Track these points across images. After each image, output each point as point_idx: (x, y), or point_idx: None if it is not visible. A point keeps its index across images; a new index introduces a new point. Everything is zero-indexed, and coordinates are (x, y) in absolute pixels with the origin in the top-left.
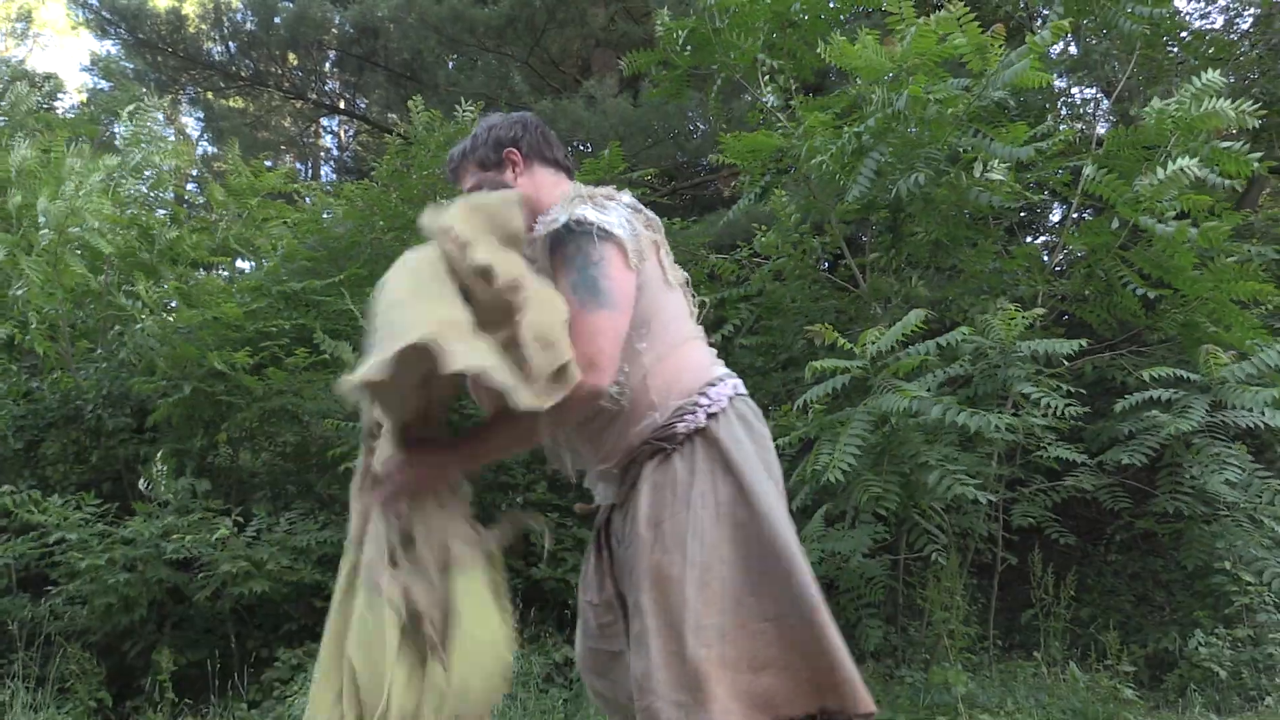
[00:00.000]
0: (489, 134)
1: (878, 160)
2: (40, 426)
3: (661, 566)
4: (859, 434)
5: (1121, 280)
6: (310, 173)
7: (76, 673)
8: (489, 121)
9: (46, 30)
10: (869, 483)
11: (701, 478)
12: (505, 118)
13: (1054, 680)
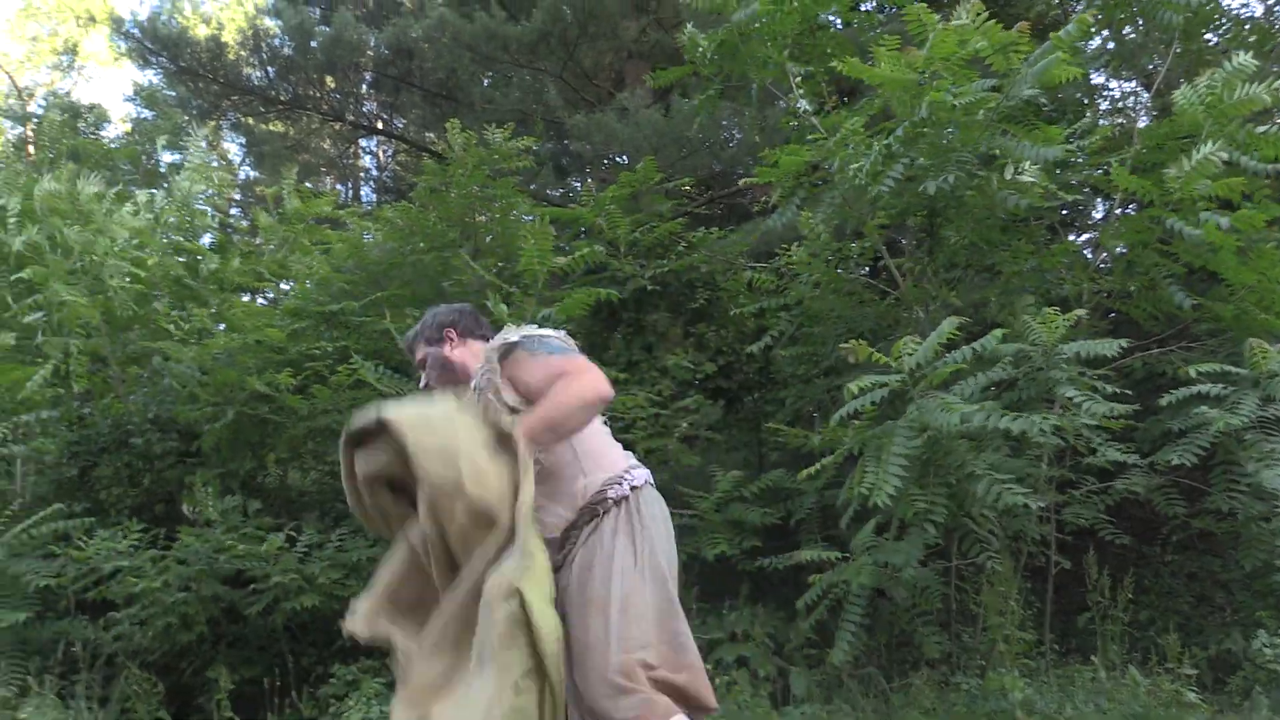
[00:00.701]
0: (434, 319)
1: (905, 166)
2: (94, 451)
3: (594, 599)
4: (902, 450)
5: (1163, 275)
6: (350, 193)
7: (137, 692)
8: (434, 310)
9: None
10: (914, 497)
11: (623, 536)
12: (448, 307)
13: (1113, 685)
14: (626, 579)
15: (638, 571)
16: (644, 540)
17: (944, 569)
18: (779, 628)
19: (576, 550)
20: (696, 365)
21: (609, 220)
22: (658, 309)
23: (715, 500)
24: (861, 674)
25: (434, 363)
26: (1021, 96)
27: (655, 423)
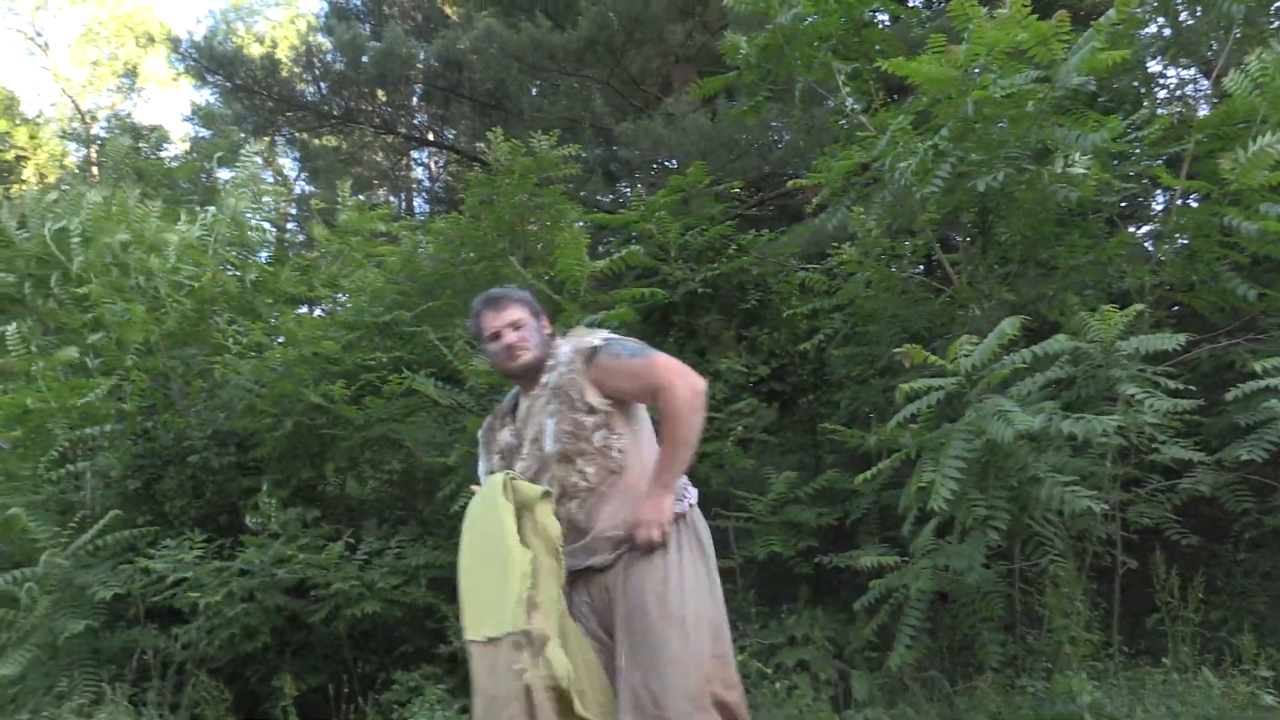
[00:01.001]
0: (533, 298)
1: (955, 163)
2: (157, 465)
3: (673, 615)
4: (960, 454)
5: (1226, 266)
6: (403, 204)
7: (206, 699)
8: (515, 289)
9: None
10: (975, 501)
11: (689, 551)
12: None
13: (1185, 687)
14: (700, 596)
15: (708, 589)
16: (706, 557)
17: (1007, 571)
18: (839, 631)
19: (633, 556)
20: (750, 368)
21: (659, 225)
22: (709, 312)
23: (770, 502)
24: (924, 677)
25: (533, 331)
26: (1069, 86)
27: (709, 426)
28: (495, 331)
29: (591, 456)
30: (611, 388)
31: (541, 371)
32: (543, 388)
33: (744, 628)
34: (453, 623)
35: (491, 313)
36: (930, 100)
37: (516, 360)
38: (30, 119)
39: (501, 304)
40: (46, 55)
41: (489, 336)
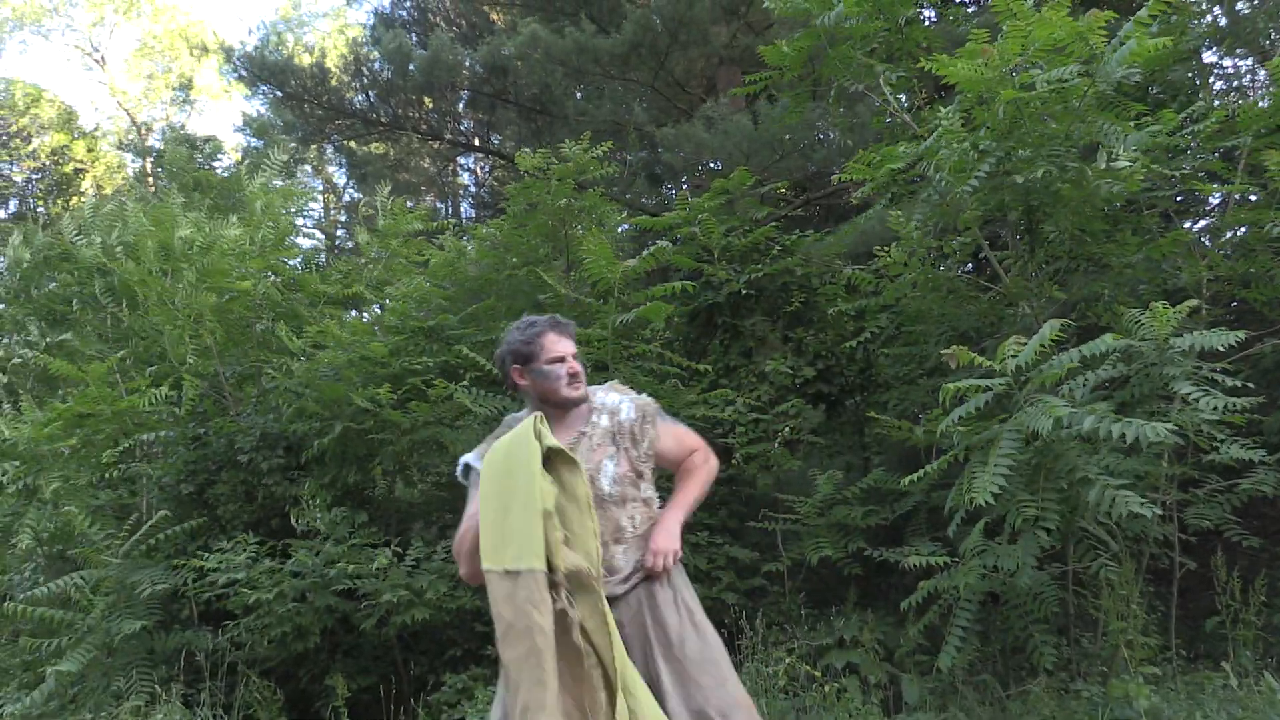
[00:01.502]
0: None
1: (996, 162)
2: (210, 470)
3: (709, 657)
4: (1009, 453)
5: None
6: (450, 210)
7: (259, 700)
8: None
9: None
10: (1024, 504)
11: (686, 591)
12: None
13: (1247, 693)
14: (709, 631)
15: (705, 620)
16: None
17: (1060, 573)
18: (889, 633)
19: (642, 590)
20: (795, 370)
21: (703, 227)
22: (754, 313)
23: (817, 504)
24: (976, 681)
25: (581, 369)
26: (1112, 80)
27: (755, 428)
28: (561, 356)
29: (638, 504)
30: (663, 446)
31: (583, 410)
32: (593, 427)
33: (792, 630)
34: None
35: (557, 335)
36: (974, 99)
37: (577, 390)
38: (88, 132)
39: (568, 330)
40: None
41: (552, 358)
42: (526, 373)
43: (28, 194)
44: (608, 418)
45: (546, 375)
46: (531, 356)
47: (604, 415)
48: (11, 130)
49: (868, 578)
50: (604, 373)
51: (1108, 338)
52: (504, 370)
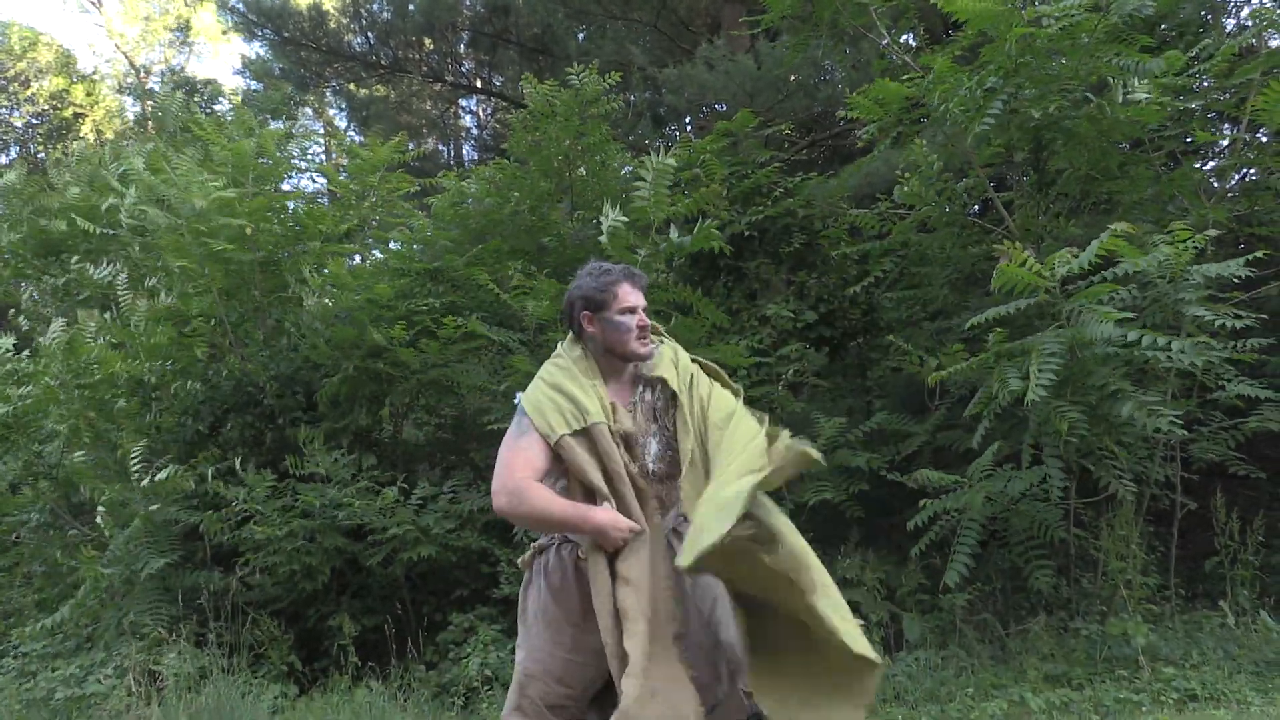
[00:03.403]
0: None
1: (1007, 100)
2: (220, 412)
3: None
4: (1055, 353)
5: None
6: (452, 153)
7: (267, 639)
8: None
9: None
10: (1062, 409)
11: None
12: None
13: (1244, 631)
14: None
15: None
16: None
17: (1062, 512)
18: (890, 573)
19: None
20: (798, 314)
21: (705, 170)
22: (756, 255)
23: (820, 446)
24: (976, 620)
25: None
26: (1124, 13)
27: (758, 371)
28: (634, 306)
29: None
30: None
31: (634, 375)
32: (640, 399)
33: None
34: (505, 567)
35: (630, 286)
36: (976, 35)
37: (646, 347)
38: (86, 76)
39: (641, 283)
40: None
41: (625, 309)
42: (596, 319)
43: (28, 139)
44: (651, 392)
45: (617, 326)
46: (604, 304)
47: (648, 388)
48: (9, 74)
49: (869, 519)
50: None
51: (1141, 255)
52: (571, 313)
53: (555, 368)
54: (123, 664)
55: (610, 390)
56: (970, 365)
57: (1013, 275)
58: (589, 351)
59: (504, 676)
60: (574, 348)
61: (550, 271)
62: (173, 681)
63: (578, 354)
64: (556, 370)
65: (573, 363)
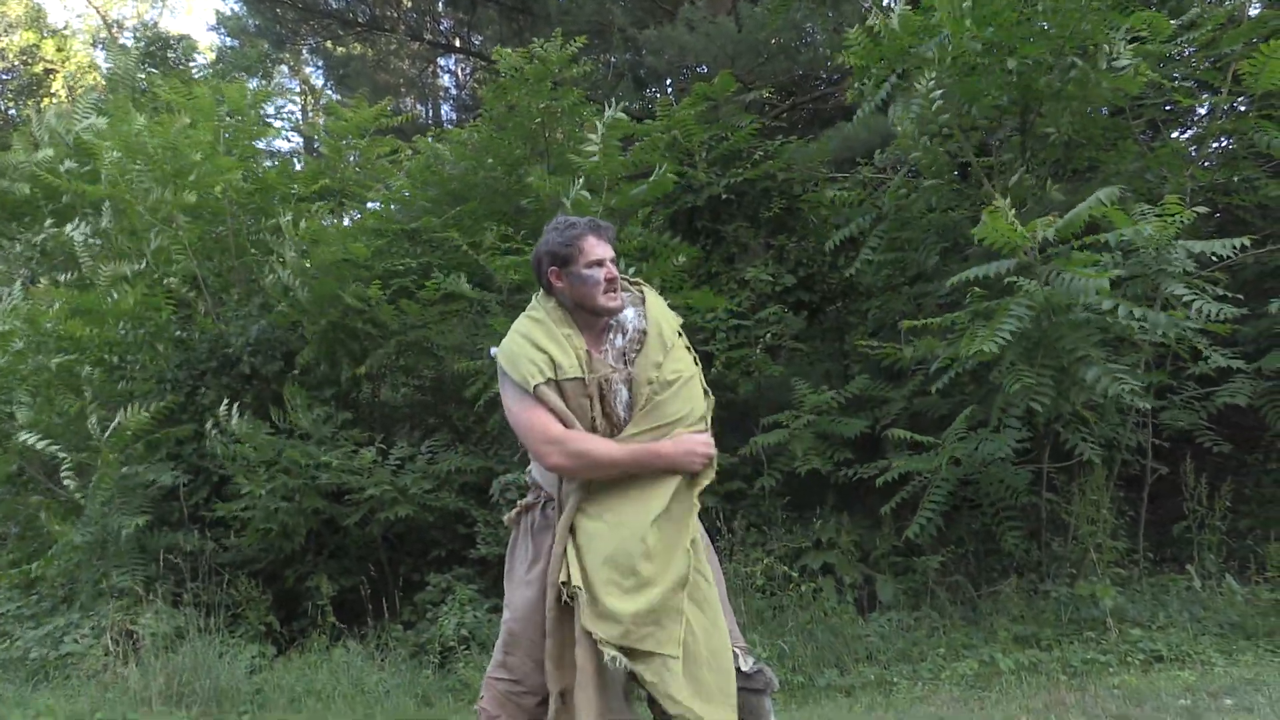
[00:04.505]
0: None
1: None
2: (196, 375)
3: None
4: (1018, 315)
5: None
6: (431, 113)
7: (244, 600)
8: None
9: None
10: (1021, 372)
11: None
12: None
13: (1209, 594)
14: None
15: None
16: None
17: (1034, 476)
18: (865, 536)
19: None
20: (776, 277)
21: (683, 132)
22: (734, 218)
23: (806, 413)
24: (949, 581)
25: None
26: None
27: (736, 334)
28: (600, 259)
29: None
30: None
31: (607, 322)
32: (610, 345)
33: (770, 532)
34: (482, 528)
35: (596, 238)
36: None
37: (613, 300)
38: (58, 30)
39: (607, 234)
40: None
41: (591, 261)
42: (564, 274)
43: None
44: (621, 336)
45: (584, 280)
46: (569, 259)
47: (618, 334)
48: None
49: (845, 482)
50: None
51: (1124, 226)
52: (540, 271)
53: (530, 320)
54: (100, 624)
55: (586, 339)
56: (944, 321)
57: (997, 230)
58: (560, 304)
59: (481, 636)
60: (547, 299)
61: (528, 234)
62: (150, 641)
63: (551, 305)
64: (531, 323)
65: (546, 314)
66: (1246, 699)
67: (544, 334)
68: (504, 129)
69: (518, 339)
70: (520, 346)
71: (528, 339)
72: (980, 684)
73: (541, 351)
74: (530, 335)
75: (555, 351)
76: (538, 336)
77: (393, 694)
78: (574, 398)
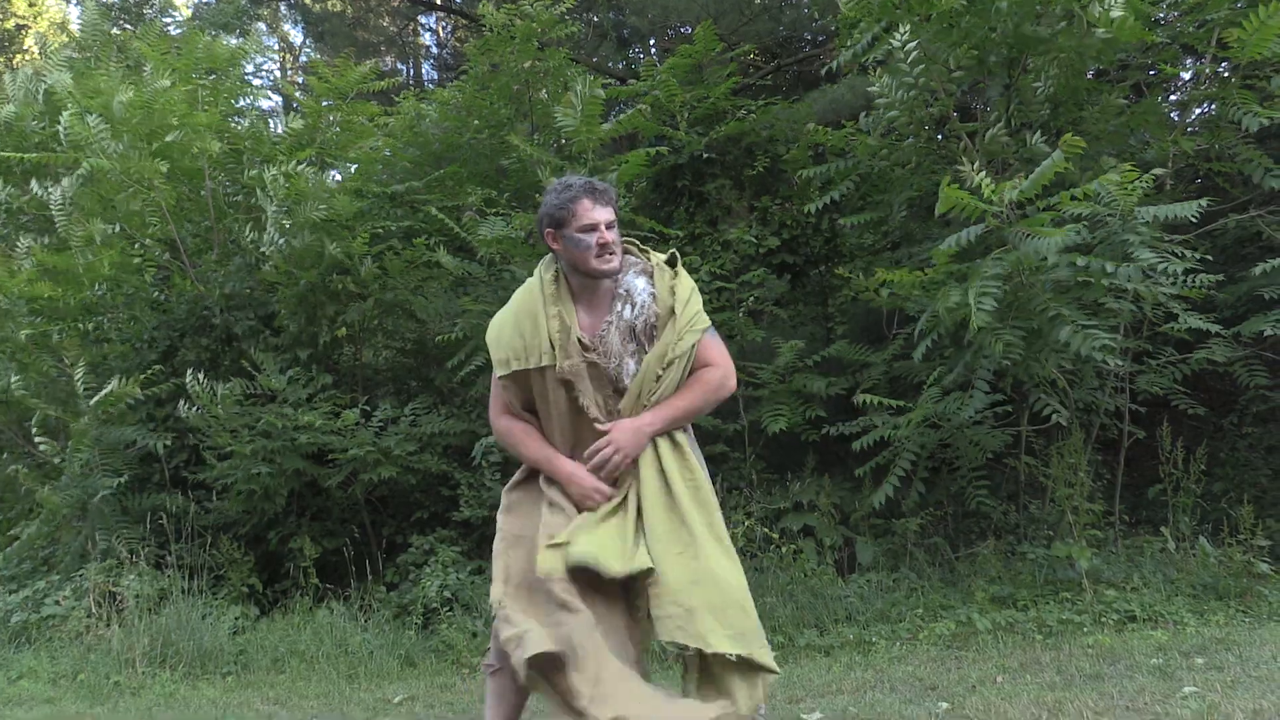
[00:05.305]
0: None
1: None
2: (174, 336)
3: None
4: (996, 274)
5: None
6: (411, 72)
7: (227, 562)
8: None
9: None
10: (999, 331)
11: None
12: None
13: (1183, 556)
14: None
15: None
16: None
17: (1012, 439)
18: (845, 498)
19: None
20: (760, 239)
21: (665, 91)
22: (717, 178)
23: (778, 370)
24: (927, 543)
25: (619, 243)
26: None
27: (719, 297)
28: (594, 223)
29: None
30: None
31: (610, 290)
32: (618, 317)
33: (750, 494)
34: (465, 490)
35: (591, 201)
36: None
37: (607, 264)
38: None
39: (605, 196)
40: None
41: (584, 226)
42: (559, 237)
43: None
44: (630, 308)
45: (577, 243)
46: (563, 221)
47: (627, 305)
48: None
49: (825, 445)
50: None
51: (1090, 186)
52: (540, 231)
53: (523, 295)
54: (81, 586)
55: (583, 310)
56: (917, 280)
57: (957, 199)
58: (561, 270)
59: (464, 597)
60: (549, 266)
61: (510, 196)
62: (133, 603)
63: (550, 275)
64: (522, 299)
65: (541, 286)
66: (1217, 658)
67: (527, 316)
68: (487, 88)
69: (504, 315)
70: (500, 327)
71: (513, 321)
72: (957, 644)
73: (520, 337)
74: (516, 317)
75: (531, 337)
76: (522, 319)
77: (376, 655)
78: (545, 383)
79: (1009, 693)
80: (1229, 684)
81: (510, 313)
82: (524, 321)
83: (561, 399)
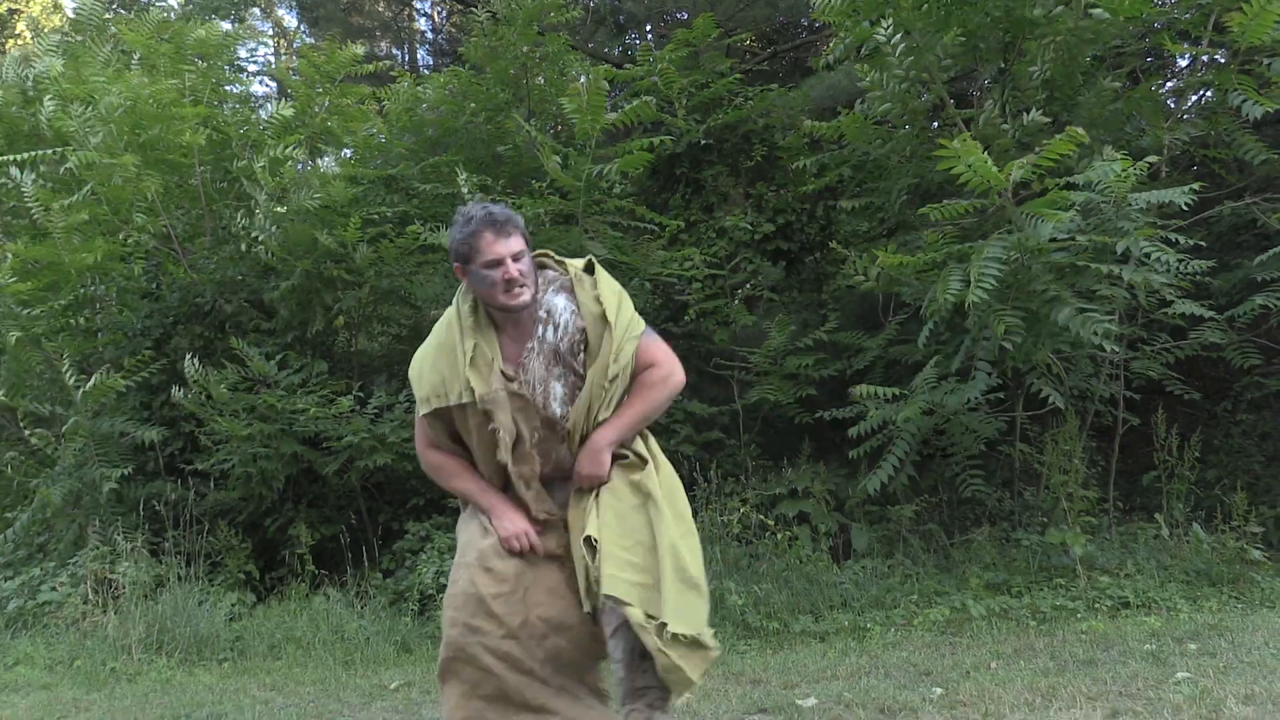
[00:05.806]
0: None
1: None
2: (167, 324)
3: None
4: (997, 256)
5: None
6: (406, 57)
7: (224, 548)
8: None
9: None
10: (1001, 312)
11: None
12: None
13: (1176, 542)
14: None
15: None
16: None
17: (1007, 426)
18: (840, 485)
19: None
20: (755, 226)
21: (663, 78)
22: (714, 165)
23: (770, 352)
24: (923, 530)
25: (530, 266)
26: None
27: (713, 283)
28: (498, 258)
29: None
30: (640, 363)
31: (533, 315)
32: (540, 342)
33: (746, 480)
34: None
35: (493, 235)
36: None
37: (517, 299)
38: None
39: (507, 228)
40: None
41: (488, 262)
42: (466, 272)
43: None
44: (553, 330)
45: (483, 280)
46: (468, 257)
47: (549, 327)
48: None
49: (820, 431)
50: (575, 225)
51: (1097, 163)
52: (451, 264)
53: (443, 327)
54: (77, 573)
55: (507, 337)
56: (916, 261)
57: (970, 163)
58: (479, 300)
59: None
60: (467, 296)
61: (506, 182)
62: (129, 590)
63: (468, 305)
64: (441, 332)
65: (459, 318)
66: (1210, 644)
67: (444, 351)
68: (484, 73)
69: (425, 350)
70: (420, 363)
71: (428, 356)
72: (952, 630)
73: (436, 374)
74: (434, 353)
75: (448, 373)
76: (440, 355)
77: (372, 641)
78: (468, 417)
79: (1003, 678)
80: (1221, 669)
81: (431, 347)
82: (442, 357)
83: (486, 433)
